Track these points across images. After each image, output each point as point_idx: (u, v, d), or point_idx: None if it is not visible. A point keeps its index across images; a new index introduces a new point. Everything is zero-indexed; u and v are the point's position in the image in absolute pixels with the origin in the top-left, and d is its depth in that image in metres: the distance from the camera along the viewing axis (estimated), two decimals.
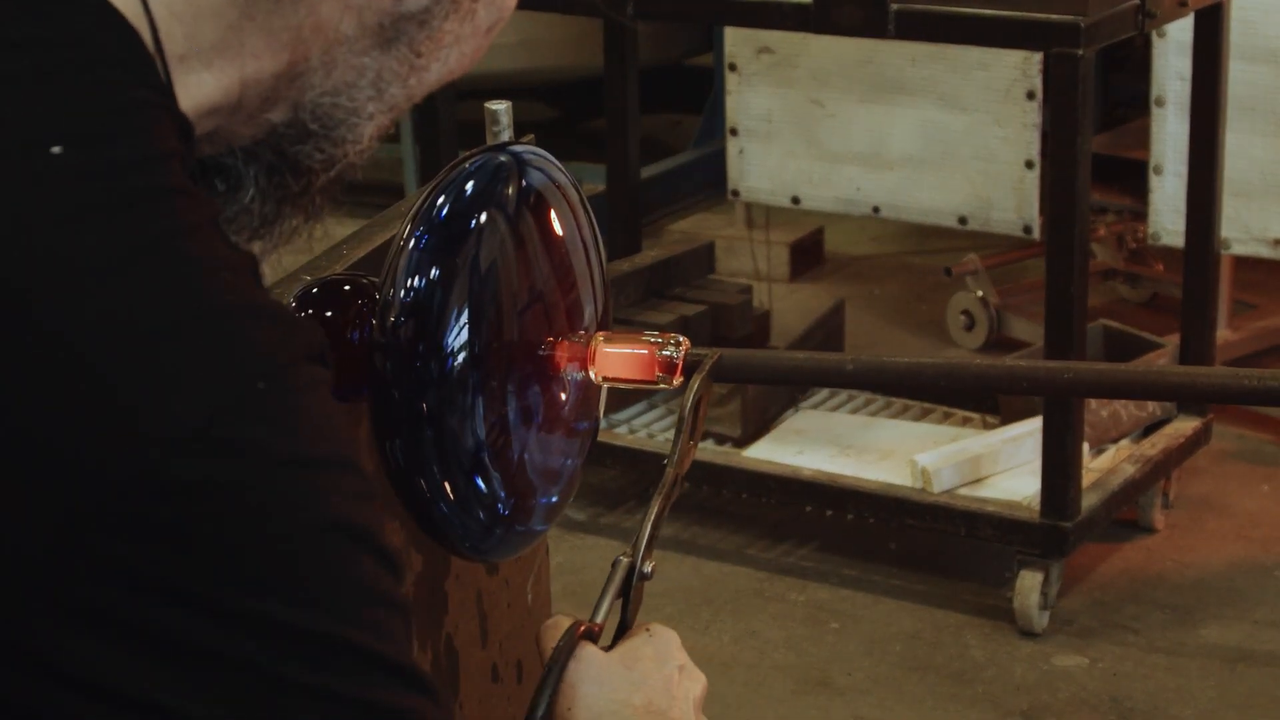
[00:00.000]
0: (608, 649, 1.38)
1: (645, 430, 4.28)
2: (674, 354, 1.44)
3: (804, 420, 4.26)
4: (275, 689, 0.98)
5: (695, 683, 1.39)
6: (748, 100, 4.98)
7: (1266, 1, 4.38)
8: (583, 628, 1.36)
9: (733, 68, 5.00)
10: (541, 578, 2.12)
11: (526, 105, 6.53)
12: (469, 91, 4.85)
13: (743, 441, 4.16)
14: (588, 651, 1.36)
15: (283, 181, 1.16)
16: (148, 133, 1.01)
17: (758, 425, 4.20)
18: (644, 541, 1.39)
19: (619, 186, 4.72)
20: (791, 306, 5.12)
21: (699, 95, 6.50)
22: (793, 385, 4.27)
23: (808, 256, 5.61)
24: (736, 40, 4.98)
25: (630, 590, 1.39)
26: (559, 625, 1.37)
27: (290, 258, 1.43)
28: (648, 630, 1.40)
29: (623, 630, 1.41)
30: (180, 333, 0.98)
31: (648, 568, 1.39)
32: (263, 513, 0.97)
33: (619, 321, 4.32)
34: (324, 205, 1.22)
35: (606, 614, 1.38)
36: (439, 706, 1.05)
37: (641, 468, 4.15)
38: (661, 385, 1.44)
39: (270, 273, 1.17)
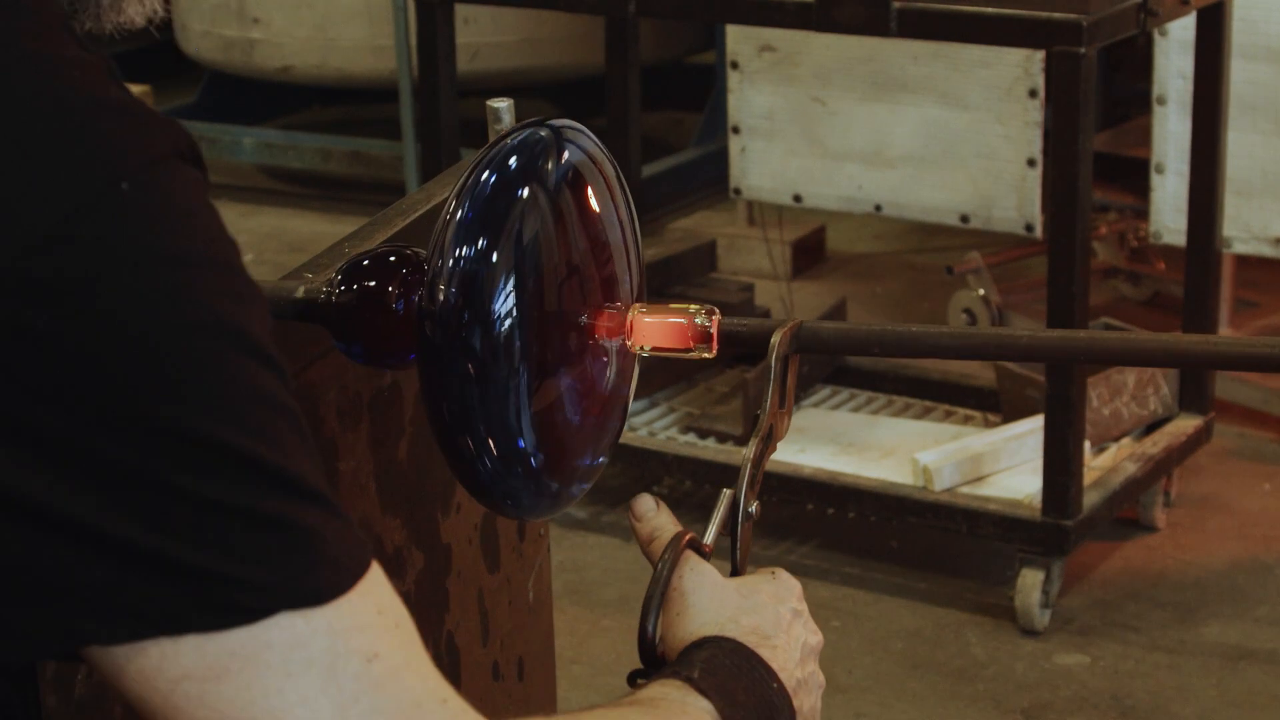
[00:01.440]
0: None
1: (646, 429, 4.28)
2: (708, 324, 1.48)
3: (805, 418, 4.26)
4: (145, 489, 0.96)
5: (811, 633, 1.40)
6: (749, 98, 4.98)
7: (1268, 0, 4.38)
8: (689, 536, 1.38)
9: (734, 66, 5.00)
10: (543, 575, 2.12)
11: (528, 103, 6.53)
12: (471, 89, 4.85)
13: (744, 439, 4.15)
14: (704, 566, 1.38)
15: None
16: None
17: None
18: (744, 482, 1.41)
19: None
20: (793, 305, 5.12)
21: (700, 93, 6.50)
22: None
23: (809, 255, 5.61)
24: (738, 38, 4.98)
25: (737, 530, 1.41)
26: (664, 530, 1.40)
27: (290, 257, 1.42)
28: (773, 573, 1.42)
29: (734, 574, 1.42)
30: (33, 131, 0.96)
31: (752, 507, 1.41)
32: (126, 310, 0.96)
33: None
34: None
35: (714, 538, 1.40)
36: (334, 518, 1.02)
37: (643, 466, 4.15)
38: (697, 353, 1.49)
39: (271, 272, 1.16)
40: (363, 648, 1.02)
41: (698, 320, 1.48)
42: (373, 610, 1.04)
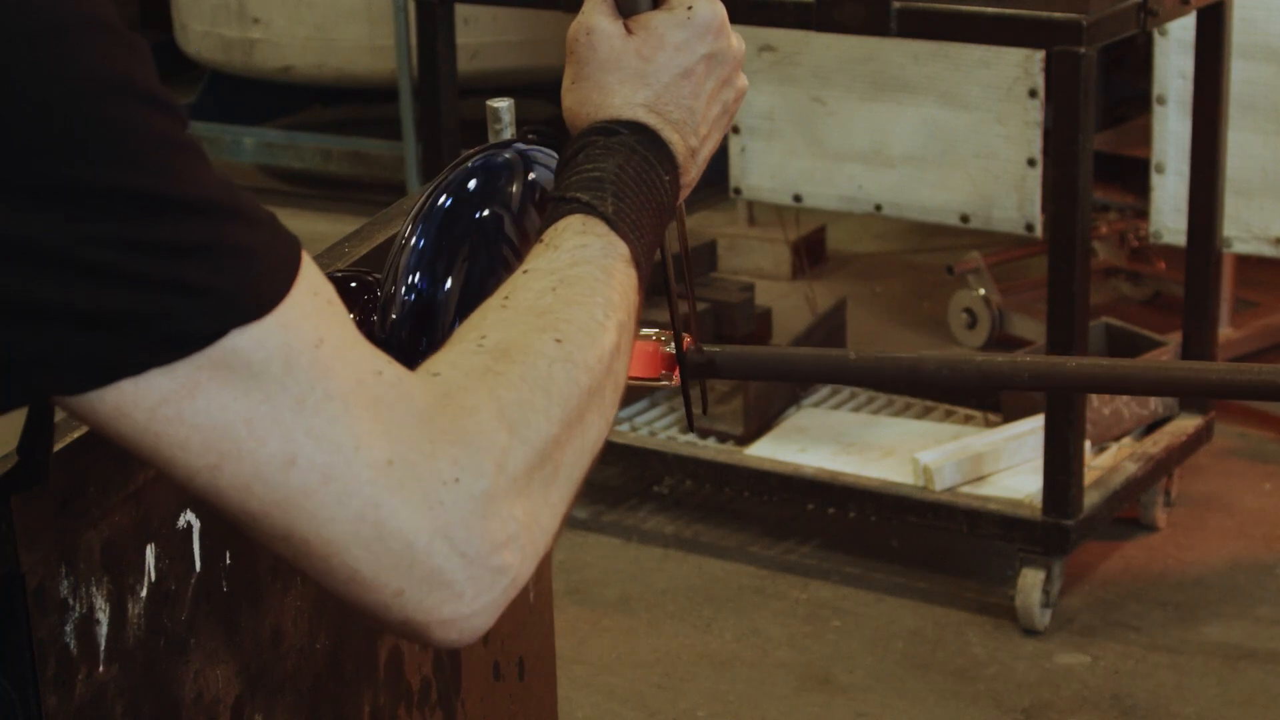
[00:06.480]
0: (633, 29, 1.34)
1: (647, 428, 4.28)
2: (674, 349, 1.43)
3: (806, 418, 4.26)
4: (67, 249, 1.00)
5: (727, 66, 1.35)
6: (750, 98, 4.98)
7: (1269, 0, 4.38)
8: None
9: None
10: (543, 575, 2.12)
11: (528, 103, 6.53)
12: (471, 89, 4.85)
13: (745, 439, 4.16)
14: (605, 27, 1.32)
15: None
16: None
17: (760, 423, 4.20)
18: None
19: None
20: (794, 305, 5.12)
21: None
22: (793, 381, 4.27)
23: (810, 255, 5.61)
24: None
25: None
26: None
27: None
28: (689, 9, 1.36)
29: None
30: None
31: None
32: (18, 78, 0.98)
33: None
34: None
35: None
36: (257, 226, 1.06)
37: (644, 465, 4.14)
38: (664, 382, 1.43)
39: None
40: (310, 336, 1.07)
41: (665, 348, 1.43)
42: (310, 294, 1.08)
